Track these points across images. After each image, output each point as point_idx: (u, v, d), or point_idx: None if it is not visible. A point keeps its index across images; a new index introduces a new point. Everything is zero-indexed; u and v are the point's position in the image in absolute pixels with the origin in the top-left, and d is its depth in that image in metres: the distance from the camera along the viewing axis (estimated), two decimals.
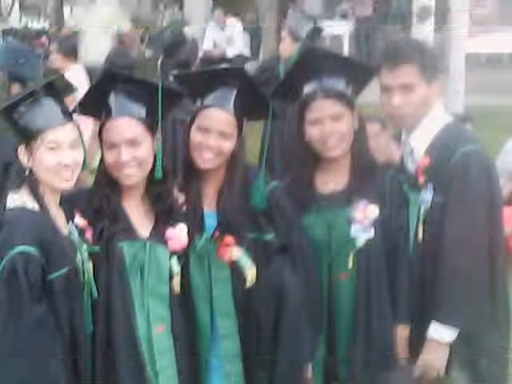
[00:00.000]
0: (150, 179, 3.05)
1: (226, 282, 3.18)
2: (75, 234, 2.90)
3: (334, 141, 3.27)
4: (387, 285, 3.27)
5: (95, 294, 2.89)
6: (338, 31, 15.53)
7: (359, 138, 3.33)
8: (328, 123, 3.25)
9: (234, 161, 3.19)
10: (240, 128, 3.20)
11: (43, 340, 2.71)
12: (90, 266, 2.90)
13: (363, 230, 3.24)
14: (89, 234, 2.95)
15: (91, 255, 2.92)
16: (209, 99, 3.16)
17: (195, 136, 3.16)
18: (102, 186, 3.03)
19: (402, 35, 11.90)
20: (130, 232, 3.00)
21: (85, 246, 2.90)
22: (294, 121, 3.39)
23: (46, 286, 2.74)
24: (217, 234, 3.15)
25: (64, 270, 2.78)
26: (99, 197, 3.01)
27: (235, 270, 3.15)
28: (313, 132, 3.28)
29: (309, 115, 3.28)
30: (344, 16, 16.58)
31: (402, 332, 3.29)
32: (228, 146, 3.15)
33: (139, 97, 3.00)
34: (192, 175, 3.23)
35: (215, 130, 3.13)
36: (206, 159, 3.16)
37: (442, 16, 10.86)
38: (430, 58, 3.30)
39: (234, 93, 3.16)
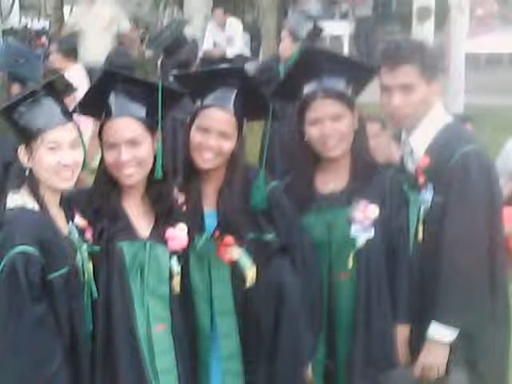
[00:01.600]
0: (150, 179, 3.04)
1: (225, 281, 3.18)
2: (75, 234, 2.90)
3: (333, 141, 3.26)
4: (387, 285, 3.26)
5: (95, 294, 2.89)
6: (338, 31, 15.50)
7: (359, 138, 3.33)
8: (328, 123, 3.24)
9: (233, 161, 3.18)
10: (240, 128, 3.20)
11: (43, 339, 2.71)
12: (90, 266, 2.90)
13: (363, 229, 3.23)
14: (89, 234, 2.94)
15: (91, 255, 2.91)
16: (209, 99, 3.15)
17: (195, 136, 3.16)
18: (101, 185, 3.02)
19: (402, 36, 11.89)
20: (130, 232, 2.99)
21: (85, 246, 2.89)
22: (294, 121, 3.38)
23: (46, 285, 2.74)
24: (217, 233, 3.15)
25: (64, 270, 2.78)
26: (99, 197, 3.00)
27: (235, 269, 3.14)
28: (313, 132, 3.28)
29: (309, 115, 3.28)
30: (344, 16, 16.56)
31: (402, 332, 3.29)
32: (228, 145, 3.14)
33: (139, 97, 2.99)
34: (192, 175, 3.22)
35: (215, 130, 3.12)
36: (206, 159, 3.15)
37: (442, 16, 10.85)
38: (430, 58, 3.30)
39: (234, 93, 3.15)
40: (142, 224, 3.05)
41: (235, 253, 3.13)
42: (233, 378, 3.20)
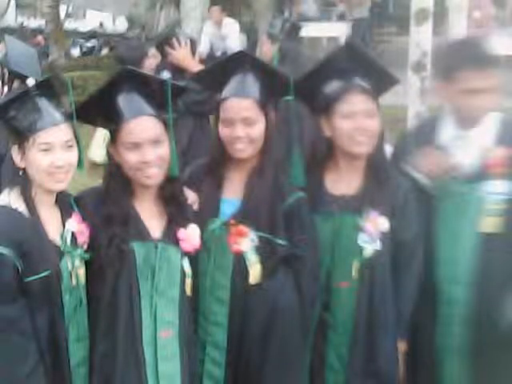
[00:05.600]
0: (163, 179, 2.96)
1: (226, 271, 3.09)
2: (68, 238, 2.82)
3: (364, 137, 3.14)
4: (392, 298, 3.20)
5: (83, 300, 2.83)
6: (335, 33, 15.48)
7: (378, 144, 3.22)
8: (361, 118, 3.13)
9: (266, 148, 3.12)
10: (265, 109, 3.12)
11: (14, 340, 2.65)
12: (81, 271, 2.83)
13: (371, 240, 3.14)
14: (83, 238, 2.87)
15: (85, 260, 2.85)
16: (226, 91, 3.11)
17: (223, 130, 3.11)
18: (114, 187, 2.93)
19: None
20: (141, 233, 2.92)
21: (78, 251, 2.83)
22: (318, 114, 3.25)
23: (24, 288, 2.67)
24: (232, 221, 3.09)
25: (44, 274, 2.69)
26: (111, 198, 2.91)
27: (239, 261, 3.08)
28: (344, 125, 3.15)
29: (342, 108, 3.14)
30: (341, 17, 16.55)
31: (400, 348, 3.26)
32: (256, 131, 3.08)
33: (151, 95, 2.90)
34: (220, 162, 3.17)
35: (238, 119, 3.06)
36: (238, 149, 3.09)
37: (440, 18, 10.84)
38: None
39: (249, 77, 3.09)
40: (154, 225, 2.97)
41: (245, 244, 3.07)
42: (213, 366, 3.13)
